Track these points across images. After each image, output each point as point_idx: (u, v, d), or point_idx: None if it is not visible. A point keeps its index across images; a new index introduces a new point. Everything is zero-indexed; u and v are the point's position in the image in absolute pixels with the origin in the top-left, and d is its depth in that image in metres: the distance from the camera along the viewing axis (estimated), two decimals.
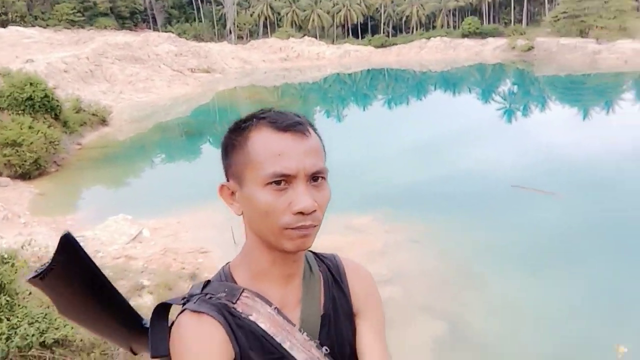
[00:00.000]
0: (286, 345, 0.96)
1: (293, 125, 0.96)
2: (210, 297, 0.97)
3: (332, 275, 1.11)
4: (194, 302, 0.96)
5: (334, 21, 66.97)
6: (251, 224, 0.99)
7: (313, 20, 65.71)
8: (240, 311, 0.96)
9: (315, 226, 0.95)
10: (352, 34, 67.99)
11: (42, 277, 0.95)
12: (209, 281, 1.02)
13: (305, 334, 1.01)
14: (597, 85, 33.22)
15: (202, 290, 0.99)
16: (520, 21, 63.25)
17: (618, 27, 42.00)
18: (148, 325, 1.02)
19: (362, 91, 37.34)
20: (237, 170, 0.98)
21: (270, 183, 0.92)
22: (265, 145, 0.94)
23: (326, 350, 1.02)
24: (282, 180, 0.92)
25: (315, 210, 0.93)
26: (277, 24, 67.71)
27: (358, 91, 37.30)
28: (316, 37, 62.11)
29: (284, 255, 0.99)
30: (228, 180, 1.02)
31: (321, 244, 1.04)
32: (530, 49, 45.82)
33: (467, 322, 6.17)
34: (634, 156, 13.41)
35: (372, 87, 39.16)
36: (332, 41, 63.53)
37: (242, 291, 0.99)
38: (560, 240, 8.40)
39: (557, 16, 46.08)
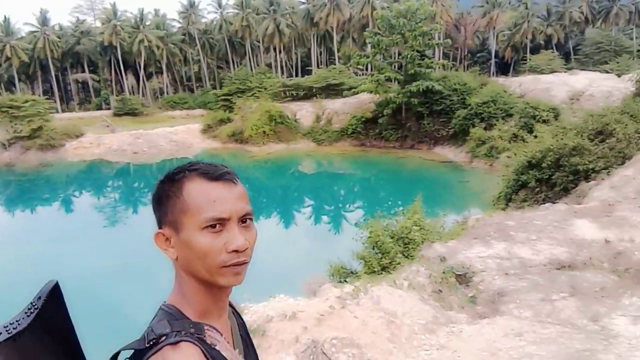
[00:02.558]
0: None
1: (223, 175, 1.10)
2: (186, 333, 1.04)
3: (233, 308, 1.33)
4: (172, 338, 1.02)
5: None
6: (188, 267, 1.10)
7: None
8: (209, 343, 1.08)
9: (246, 262, 1.10)
10: None
11: (15, 339, 0.87)
12: (169, 321, 1.07)
13: (241, 355, 1.21)
14: None
15: (171, 329, 1.04)
16: None
17: None
18: None
19: None
20: (173, 218, 1.09)
21: (207, 227, 1.05)
22: (201, 193, 1.07)
23: None
24: (217, 224, 1.06)
25: (247, 248, 1.08)
26: None
27: None
28: None
29: (220, 291, 1.13)
30: (161, 228, 1.11)
31: None
32: None
33: None
34: None
35: None
36: None
37: (204, 325, 1.10)
38: None
39: None
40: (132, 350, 1.03)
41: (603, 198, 10.93)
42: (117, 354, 1.03)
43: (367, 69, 50.02)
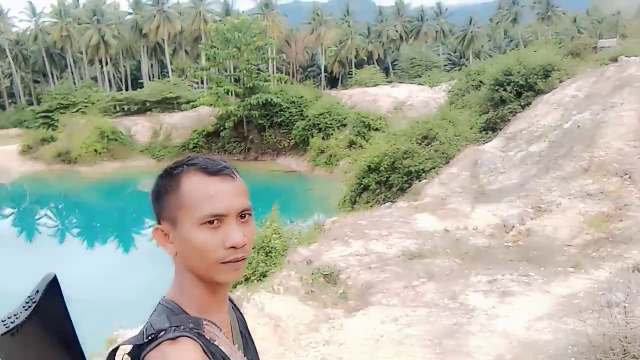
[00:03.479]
0: None
1: (221, 170, 1.08)
2: (185, 329, 1.03)
3: (232, 303, 1.31)
4: (171, 334, 1.00)
5: None
6: (186, 262, 1.09)
7: None
8: (208, 338, 1.06)
9: (245, 259, 1.09)
10: None
11: (13, 333, 0.86)
12: (168, 316, 1.06)
13: (241, 351, 1.19)
14: None
15: (170, 324, 1.03)
16: None
17: None
18: None
19: None
20: (171, 214, 1.08)
21: (205, 223, 1.04)
22: (198, 189, 1.06)
23: None
24: (215, 220, 1.04)
25: (245, 244, 1.07)
26: None
27: None
28: None
29: (219, 287, 1.12)
30: (160, 224, 1.10)
31: None
32: None
33: None
34: None
35: None
36: None
37: (203, 321, 1.08)
38: None
39: None
40: (132, 346, 1.02)
41: (435, 194, 12.35)
42: (116, 349, 1.02)
43: (202, 83, 49.37)
